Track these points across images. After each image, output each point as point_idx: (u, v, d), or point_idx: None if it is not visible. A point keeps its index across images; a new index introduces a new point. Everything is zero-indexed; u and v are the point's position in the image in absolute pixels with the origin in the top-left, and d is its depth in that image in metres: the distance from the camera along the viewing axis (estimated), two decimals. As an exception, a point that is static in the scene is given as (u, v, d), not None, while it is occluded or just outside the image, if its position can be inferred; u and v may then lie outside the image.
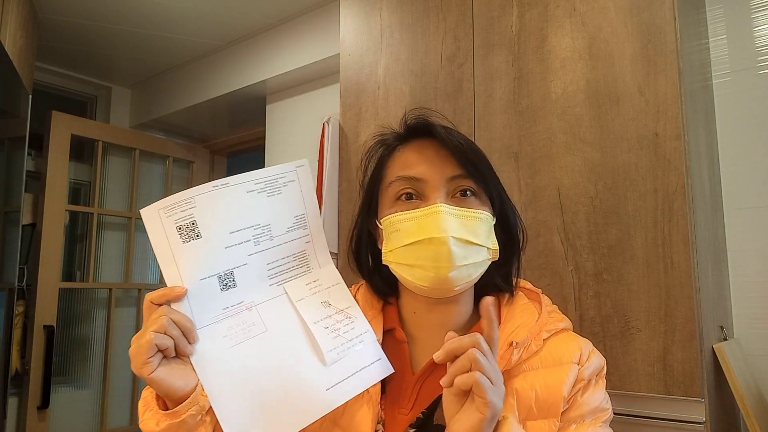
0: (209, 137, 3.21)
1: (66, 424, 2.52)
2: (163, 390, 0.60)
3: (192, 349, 0.62)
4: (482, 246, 0.69)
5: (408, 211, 0.69)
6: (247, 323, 0.66)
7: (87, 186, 2.77)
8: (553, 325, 0.71)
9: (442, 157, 0.71)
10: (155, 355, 0.59)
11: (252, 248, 0.67)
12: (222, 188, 0.64)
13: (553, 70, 1.23)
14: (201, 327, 0.64)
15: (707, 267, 1.15)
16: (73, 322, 2.64)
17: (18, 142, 2.00)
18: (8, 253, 1.95)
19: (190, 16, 2.33)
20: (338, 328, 0.69)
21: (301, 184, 0.71)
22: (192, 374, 0.62)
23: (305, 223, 0.71)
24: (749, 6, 1.45)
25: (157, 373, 0.59)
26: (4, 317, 1.94)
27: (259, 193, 0.67)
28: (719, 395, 1.12)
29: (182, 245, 0.62)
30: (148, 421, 0.62)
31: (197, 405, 0.61)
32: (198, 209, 0.63)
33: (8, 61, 1.76)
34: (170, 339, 0.60)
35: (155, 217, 0.62)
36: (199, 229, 0.63)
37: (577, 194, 1.17)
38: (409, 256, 0.68)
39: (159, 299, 0.62)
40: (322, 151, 1.74)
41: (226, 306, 0.66)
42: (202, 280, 0.64)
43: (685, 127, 1.07)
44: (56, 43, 2.56)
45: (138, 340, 0.59)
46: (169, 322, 0.60)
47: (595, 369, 0.69)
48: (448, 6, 1.45)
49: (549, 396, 0.65)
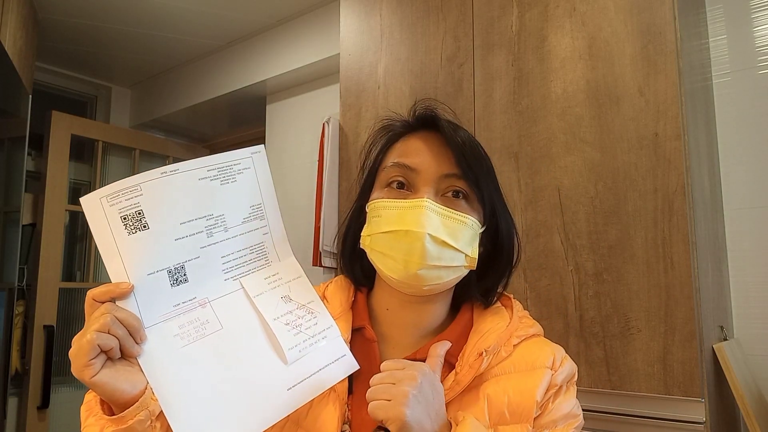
0: (209, 137, 3.21)
1: (66, 424, 2.51)
2: (108, 394, 0.55)
3: (139, 349, 0.57)
4: (459, 251, 0.67)
5: (394, 200, 0.68)
6: (200, 321, 0.61)
7: (87, 186, 2.77)
8: (523, 330, 0.71)
9: (441, 152, 0.69)
10: (98, 357, 0.54)
11: (205, 240, 0.62)
12: (171, 174, 0.59)
13: (553, 70, 1.23)
14: (149, 325, 0.59)
15: (707, 267, 1.15)
16: (73, 322, 2.63)
17: (18, 142, 2.00)
18: (8, 253, 1.96)
19: (190, 16, 2.33)
20: (300, 324, 0.65)
21: (257, 171, 0.66)
22: (140, 376, 0.57)
23: (262, 213, 0.67)
24: (749, 6, 1.45)
25: (101, 377, 0.54)
26: (4, 317, 1.94)
27: (212, 180, 0.62)
28: (719, 395, 1.12)
29: (127, 237, 0.57)
30: (92, 426, 0.57)
31: (146, 410, 0.57)
32: (145, 197, 0.58)
33: (8, 61, 1.76)
34: (114, 339, 0.55)
35: (96, 206, 0.56)
36: (146, 219, 0.58)
37: (577, 194, 1.17)
38: (384, 245, 0.67)
39: (102, 296, 0.57)
40: (322, 151, 1.74)
41: (177, 303, 0.61)
42: (150, 275, 0.59)
43: (685, 127, 1.07)
44: (56, 43, 2.56)
45: (78, 341, 0.54)
46: (113, 320, 0.55)
47: (567, 375, 0.69)
48: (448, 6, 1.45)
49: (522, 401, 0.64)
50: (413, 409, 0.55)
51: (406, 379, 0.57)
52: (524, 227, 1.23)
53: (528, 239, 1.22)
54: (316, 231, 1.72)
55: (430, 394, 0.58)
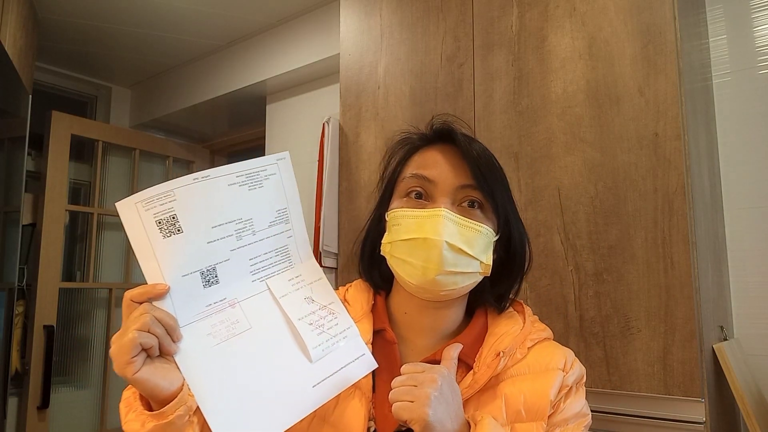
0: (209, 137, 3.21)
1: (66, 424, 2.51)
2: (148, 390, 0.58)
3: (176, 347, 0.60)
4: (475, 258, 0.71)
5: (413, 209, 0.72)
6: (231, 320, 0.64)
7: (87, 186, 2.77)
8: (536, 334, 0.75)
9: (457, 164, 0.73)
10: (139, 355, 0.57)
11: (234, 243, 0.65)
12: (203, 181, 0.62)
13: (553, 70, 1.23)
14: (184, 325, 0.61)
15: (707, 267, 1.15)
16: (73, 322, 2.64)
17: (18, 142, 2.00)
18: (8, 253, 1.96)
19: (190, 16, 2.33)
20: (322, 324, 0.68)
21: (283, 177, 0.68)
22: (176, 373, 0.60)
23: (287, 217, 0.69)
24: (749, 6, 1.45)
25: (142, 373, 0.57)
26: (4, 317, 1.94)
27: (241, 186, 0.65)
28: (719, 395, 1.13)
29: (162, 240, 0.59)
30: (132, 422, 0.60)
31: (185, 405, 0.60)
32: (178, 202, 0.60)
33: (8, 61, 1.76)
34: (154, 337, 0.57)
35: (132, 211, 0.58)
36: (180, 224, 0.60)
37: (577, 194, 1.17)
38: (404, 251, 0.71)
39: (140, 297, 0.59)
40: (322, 151, 1.74)
41: (209, 303, 0.63)
42: (184, 277, 0.61)
43: (685, 127, 1.07)
44: (56, 43, 2.56)
45: (119, 340, 0.57)
46: (153, 319, 0.57)
47: (577, 377, 0.73)
48: (448, 6, 1.45)
49: (537, 400, 0.68)
50: (435, 409, 0.58)
51: (427, 382, 0.60)
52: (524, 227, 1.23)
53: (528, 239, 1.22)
54: (316, 231, 1.72)
55: (450, 395, 0.61)
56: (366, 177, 1.56)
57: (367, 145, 1.57)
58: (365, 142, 1.58)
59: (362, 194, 1.56)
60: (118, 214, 0.59)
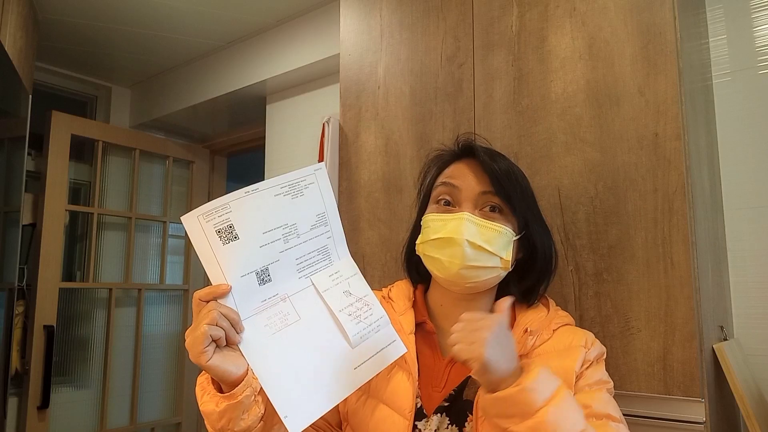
0: (209, 137, 3.21)
1: (66, 424, 2.52)
2: (219, 375, 0.68)
3: (240, 338, 0.70)
4: (494, 255, 0.81)
5: (440, 213, 0.84)
6: (283, 313, 0.74)
7: (87, 186, 2.77)
8: (560, 319, 0.86)
9: (479, 175, 0.85)
10: (210, 345, 0.66)
11: (282, 246, 0.74)
12: (253, 193, 0.71)
13: (553, 70, 1.23)
14: (245, 318, 0.71)
15: (707, 267, 1.15)
16: (73, 322, 2.64)
17: (18, 142, 2.00)
18: (8, 253, 1.95)
19: (190, 16, 2.33)
20: (360, 314, 0.78)
21: (320, 185, 0.78)
22: (242, 360, 0.70)
23: (326, 220, 0.79)
24: (749, 6, 1.45)
25: (213, 361, 0.67)
26: (4, 317, 1.94)
27: (285, 195, 0.74)
28: (719, 395, 1.13)
29: (222, 247, 0.69)
30: (208, 403, 0.71)
31: (251, 387, 0.70)
32: (233, 213, 0.69)
33: (8, 61, 1.76)
34: (221, 330, 0.67)
35: (195, 223, 0.68)
36: (236, 232, 0.69)
37: (577, 194, 1.17)
38: (433, 250, 0.83)
39: (207, 296, 0.69)
40: (322, 151, 1.74)
41: (264, 299, 0.73)
42: (243, 277, 0.70)
43: (685, 127, 1.07)
44: (56, 43, 2.56)
45: (193, 333, 0.66)
46: (219, 315, 0.67)
47: (598, 353, 0.83)
48: (448, 6, 1.45)
49: (564, 373, 0.76)
50: (491, 350, 0.65)
51: (485, 327, 0.67)
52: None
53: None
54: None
55: (505, 339, 0.68)
56: (366, 177, 1.56)
57: (367, 145, 1.58)
58: (365, 142, 1.58)
59: (362, 194, 1.56)
60: (183, 226, 0.68)
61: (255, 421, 0.72)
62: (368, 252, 1.51)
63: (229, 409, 0.69)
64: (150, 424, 2.80)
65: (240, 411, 0.70)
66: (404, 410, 0.79)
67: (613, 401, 0.79)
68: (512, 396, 0.64)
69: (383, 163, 1.52)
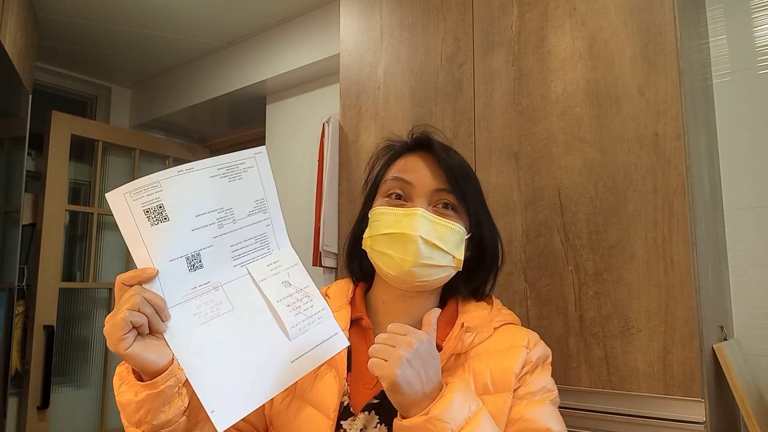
0: (209, 137, 3.21)
1: (66, 424, 2.52)
2: (139, 364, 0.63)
3: (164, 326, 0.65)
4: (447, 253, 0.79)
5: (392, 207, 0.80)
6: (214, 302, 0.69)
7: (87, 186, 2.77)
8: (502, 317, 0.83)
9: (434, 170, 0.81)
10: (130, 332, 0.62)
11: (216, 231, 0.69)
12: (187, 173, 0.66)
13: (553, 70, 1.23)
14: (172, 306, 0.66)
15: (707, 267, 1.15)
16: (73, 322, 2.64)
17: (18, 142, 2.00)
18: (8, 253, 1.95)
19: (190, 16, 2.33)
20: (299, 306, 0.74)
21: (260, 169, 0.73)
22: (166, 349, 0.65)
23: (265, 206, 0.74)
24: (749, 6, 1.45)
25: (133, 349, 0.62)
26: (4, 317, 1.94)
27: (222, 177, 0.69)
28: (719, 395, 1.12)
29: (150, 228, 0.64)
30: (126, 393, 0.66)
31: (174, 377, 0.65)
32: (164, 193, 0.64)
33: (8, 61, 1.76)
34: (144, 316, 0.62)
35: (121, 201, 0.63)
36: (166, 212, 0.65)
37: (577, 194, 1.17)
38: (383, 245, 0.79)
39: (130, 280, 0.64)
40: (322, 151, 1.74)
41: (195, 286, 0.68)
42: (171, 261, 0.66)
43: (685, 127, 1.07)
44: (56, 43, 2.56)
45: (112, 318, 0.62)
46: (143, 300, 0.62)
47: (541, 355, 0.79)
48: (448, 6, 1.45)
49: (502, 374, 0.75)
50: (405, 371, 0.62)
51: (404, 344, 0.64)
52: (524, 227, 1.23)
53: (528, 239, 1.22)
54: (316, 231, 1.72)
55: (427, 358, 0.65)
56: (366, 177, 1.56)
57: (367, 145, 1.57)
58: (365, 142, 1.58)
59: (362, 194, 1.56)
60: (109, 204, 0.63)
61: (177, 414, 0.67)
62: (368, 252, 1.51)
63: (149, 399, 0.64)
64: (150, 424, 2.80)
65: (161, 402, 0.65)
66: (328, 409, 0.75)
67: (556, 414, 0.75)
68: (419, 426, 0.61)
69: (383, 163, 1.52)
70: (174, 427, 0.67)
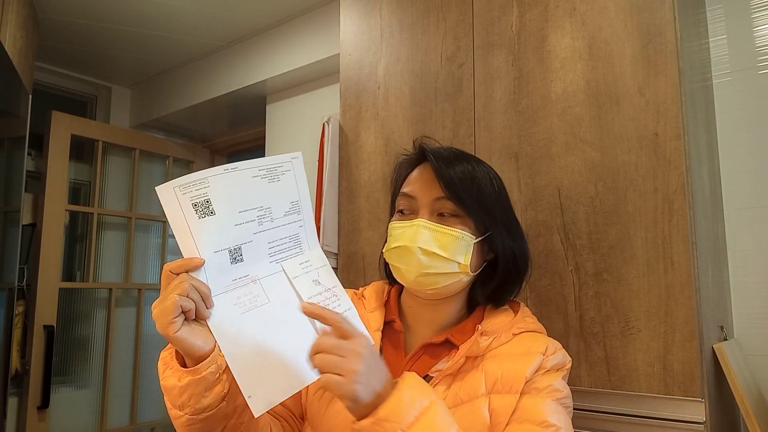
0: (209, 137, 3.21)
1: (66, 424, 2.51)
2: (185, 348, 0.67)
3: (209, 313, 0.68)
4: (450, 260, 0.81)
5: (399, 221, 0.85)
6: (252, 294, 0.73)
7: (87, 186, 2.77)
8: (524, 324, 0.84)
9: (433, 181, 0.83)
10: (179, 316, 0.65)
11: (257, 227, 0.73)
12: (232, 171, 0.70)
13: (553, 70, 1.23)
14: (215, 294, 0.70)
15: (707, 267, 1.15)
16: (73, 322, 2.64)
17: (18, 142, 2.00)
18: (8, 253, 1.95)
19: (190, 16, 2.33)
20: (327, 304, 0.77)
21: (296, 173, 0.77)
22: (209, 336, 0.68)
23: (299, 208, 0.79)
24: (749, 6, 1.45)
25: (181, 332, 0.65)
26: (4, 317, 1.94)
27: (262, 178, 0.73)
28: (719, 395, 1.12)
29: (198, 220, 0.68)
30: (170, 377, 0.69)
31: (216, 364, 0.69)
32: (211, 189, 0.68)
33: (8, 61, 1.76)
34: (192, 302, 0.65)
35: (171, 194, 0.67)
36: (212, 207, 0.69)
37: (577, 194, 1.17)
38: (394, 258, 0.84)
39: (178, 268, 0.67)
40: (322, 150, 1.74)
41: (235, 278, 0.72)
42: (216, 253, 0.70)
43: (685, 127, 1.07)
44: (56, 43, 2.56)
45: (162, 303, 0.65)
46: (191, 287, 0.65)
47: (558, 362, 0.80)
48: (448, 6, 1.45)
49: (513, 377, 0.76)
50: (362, 383, 0.62)
51: (354, 355, 0.63)
52: (524, 227, 1.22)
53: (528, 239, 1.21)
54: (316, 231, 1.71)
55: (373, 361, 0.65)
56: (366, 177, 1.56)
57: (367, 144, 1.57)
58: (365, 142, 1.58)
59: (362, 194, 1.56)
60: (158, 197, 0.66)
61: (217, 399, 0.70)
62: (368, 252, 1.51)
63: (192, 384, 0.68)
64: (150, 424, 2.80)
65: (203, 387, 0.68)
66: None
67: (560, 410, 0.75)
68: (367, 428, 0.61)
69: (383, 163, 1.52)
70: (215, 411, 0.70)
